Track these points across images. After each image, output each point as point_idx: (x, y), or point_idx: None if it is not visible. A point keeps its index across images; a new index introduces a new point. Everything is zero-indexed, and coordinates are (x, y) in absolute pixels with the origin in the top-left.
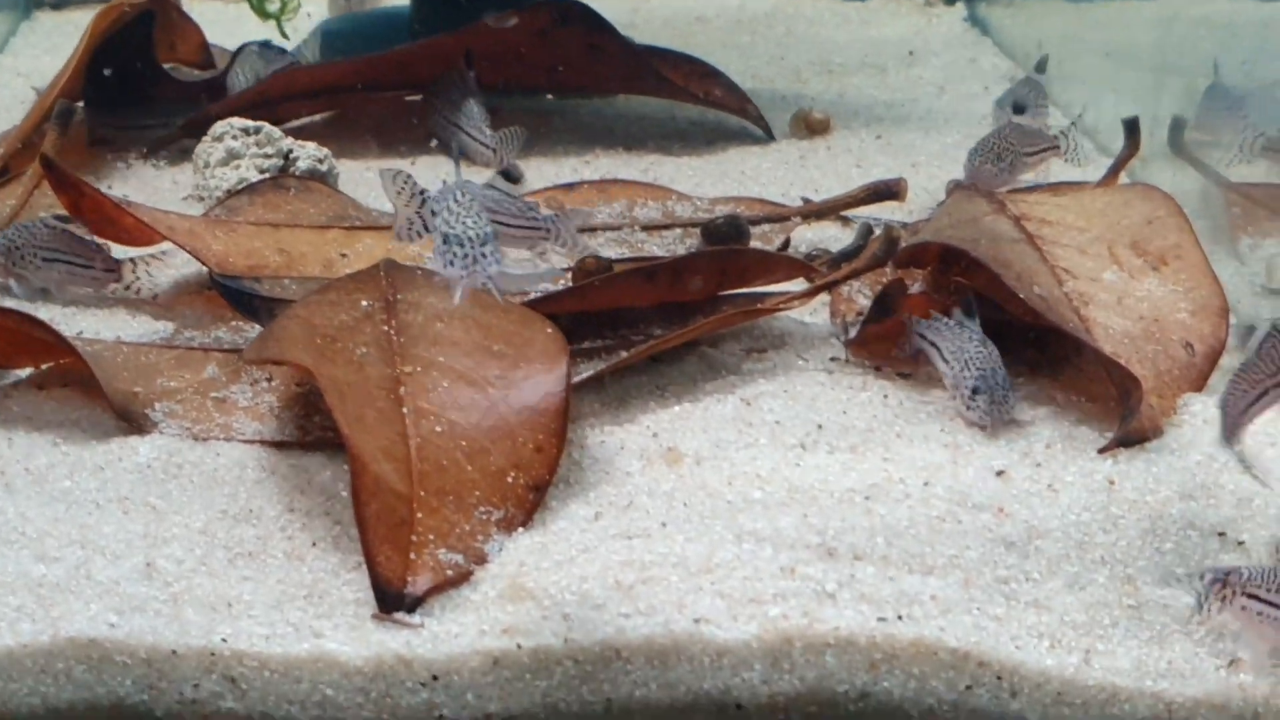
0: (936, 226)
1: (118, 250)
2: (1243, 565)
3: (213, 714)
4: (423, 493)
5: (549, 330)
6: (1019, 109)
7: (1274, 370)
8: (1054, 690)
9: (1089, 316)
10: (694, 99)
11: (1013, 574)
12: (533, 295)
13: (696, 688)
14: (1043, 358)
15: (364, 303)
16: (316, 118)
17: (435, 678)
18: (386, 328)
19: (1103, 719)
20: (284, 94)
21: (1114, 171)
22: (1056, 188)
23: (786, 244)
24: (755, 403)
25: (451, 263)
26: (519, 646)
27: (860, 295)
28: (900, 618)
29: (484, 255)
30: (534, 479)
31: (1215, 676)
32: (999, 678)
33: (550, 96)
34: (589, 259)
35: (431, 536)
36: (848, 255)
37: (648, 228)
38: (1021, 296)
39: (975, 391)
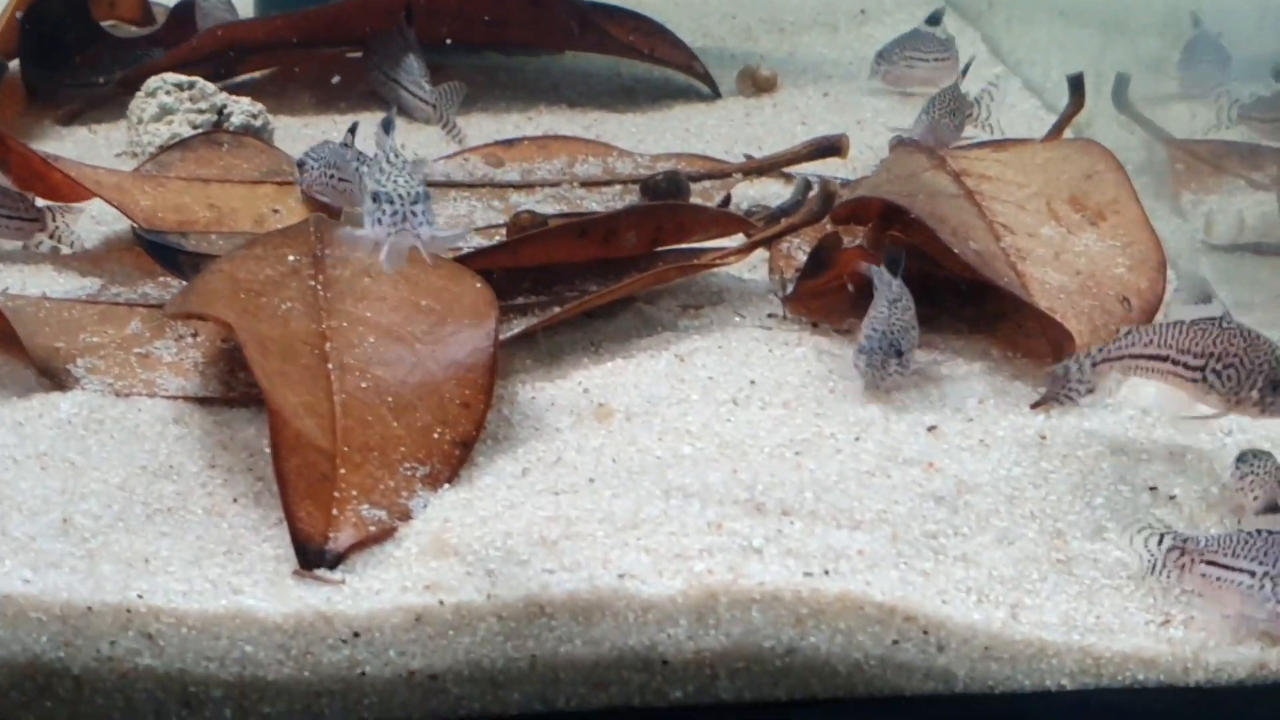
0: (875, 182)
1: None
2: (1197, 533)
3: (130, 671)
4: (346, 448)
5: (478, 285)
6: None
7: (1172, 347)
8: (981, 645)
9: (1025, 272)
10: (639, 56)
11: (941, 529)
12: (464, 250)
13: (622, 644)
14: (981, 314)
15: (291, 257)
16: (257, 74)
17: (356, 634)
18: (313, 283)
19: (1031, 674)
20: (221, 50)
21: (1059, 127)
22: (999, 144)
23: (728, 200)
24: (689, 359)
25: (380, 221)
26: (441, 603)
27: (799, 252)
28: (827, 572)
29: (414, 214)
30: (460, 435)
31: (1144, 630)
32: (925, 632)
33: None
34: (524, 214)
35: (354, 493)
36: (785, 211)
37: (587, 184)
38: (956, 252)
39: (859, 350)
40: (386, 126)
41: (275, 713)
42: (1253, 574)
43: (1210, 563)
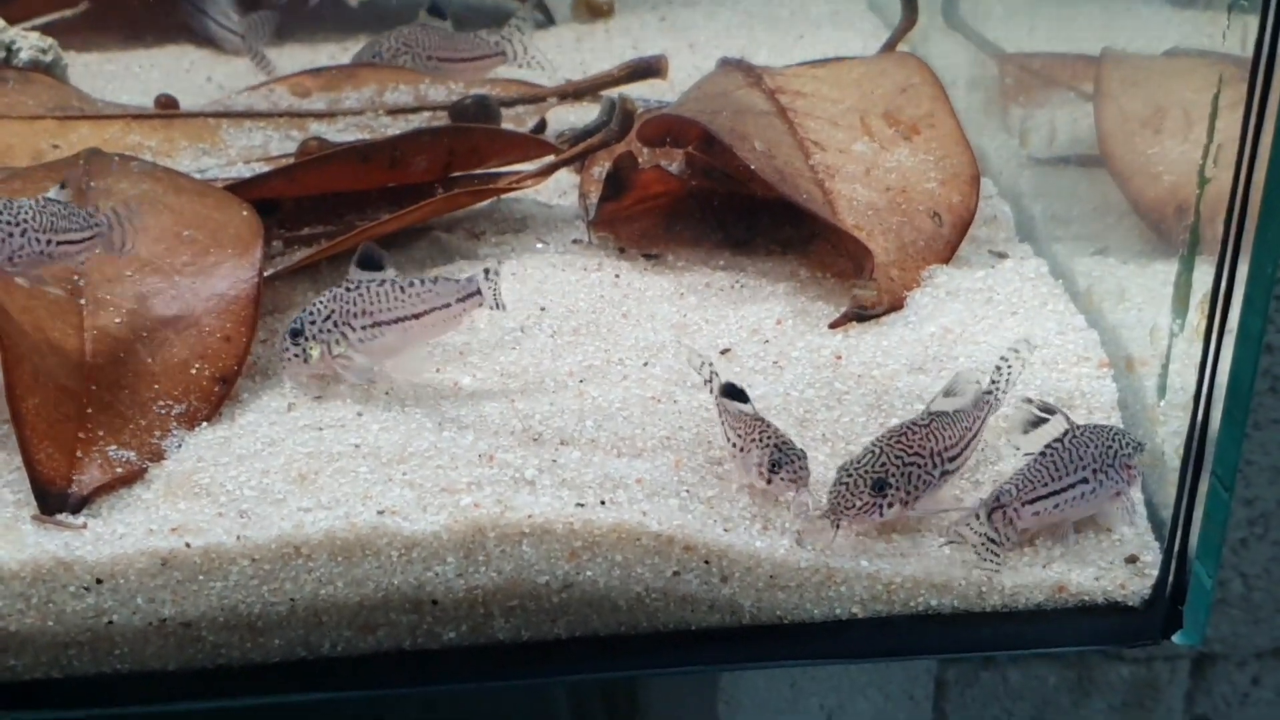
0: (684, 101)
1: None
2: (1000, 487)
3: None
4: (94, 387)
5: (245, 214)
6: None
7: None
8: (766, 574)
9: (833, 189)
10: None
11: (727, 454)
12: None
13: (387, 584)
14: (797, 234)
15: (53, 193)
16: (68, 12)
17: (100, 581)
18: None
19: (819, 602)
20: None
21: (891, 43)
22: (818, 62)
23: (543, 125)
24: None
25: None
26: (188, 546)
27: None
28: (603, 503)
29: None
30: (221, 370)
31: (937, 554)
32: (707, 562)
33: None
34: (311, 141)
35: (102, 433)
36: (590, 133)
37: (393, 112)
38: (754, 169)
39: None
40: None
41: (22, 665)
42: (1085, 480)
43: (1034, 500)
